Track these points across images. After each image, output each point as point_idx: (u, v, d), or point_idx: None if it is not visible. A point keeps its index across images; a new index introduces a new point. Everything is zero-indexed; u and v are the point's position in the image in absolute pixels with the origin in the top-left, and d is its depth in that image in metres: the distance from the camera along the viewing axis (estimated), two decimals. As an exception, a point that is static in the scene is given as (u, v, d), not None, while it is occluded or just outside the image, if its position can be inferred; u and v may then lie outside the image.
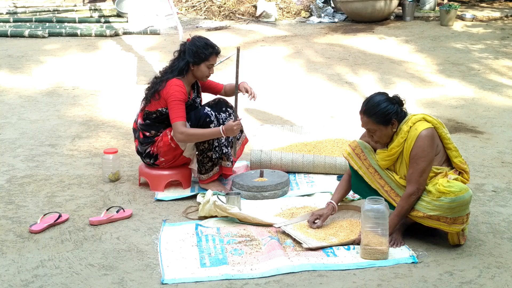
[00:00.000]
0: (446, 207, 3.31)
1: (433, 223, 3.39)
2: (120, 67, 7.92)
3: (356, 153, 3.69)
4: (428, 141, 3.42)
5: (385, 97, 3.55)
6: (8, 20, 10.21)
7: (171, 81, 4.12)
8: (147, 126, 4.24)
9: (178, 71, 4.17)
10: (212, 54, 4.21)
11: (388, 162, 3.58)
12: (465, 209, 3.33)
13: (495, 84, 7.11)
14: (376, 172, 3.62)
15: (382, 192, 3.59)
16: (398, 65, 7.95)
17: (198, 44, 4.19)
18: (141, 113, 4.27)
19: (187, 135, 4.09)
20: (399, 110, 3.52)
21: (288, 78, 7.41)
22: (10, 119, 5.94)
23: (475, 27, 10.06)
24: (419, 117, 3.51)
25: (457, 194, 3.28)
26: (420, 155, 3.41)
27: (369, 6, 10.16)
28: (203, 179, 4.33)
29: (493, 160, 4.88)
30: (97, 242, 3.59)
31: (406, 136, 3.47)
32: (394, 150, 3.52)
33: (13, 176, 4.60)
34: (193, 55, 4.16)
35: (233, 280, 3.18)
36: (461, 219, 3.34)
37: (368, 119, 3.51)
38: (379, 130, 3.52)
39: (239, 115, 4.29)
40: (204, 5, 11.33)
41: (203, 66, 4.20)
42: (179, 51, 4.25)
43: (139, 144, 4.28)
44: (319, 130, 5.34)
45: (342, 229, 3.68)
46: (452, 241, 3.48)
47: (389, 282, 3.15)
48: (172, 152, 4.22)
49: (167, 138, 4.19)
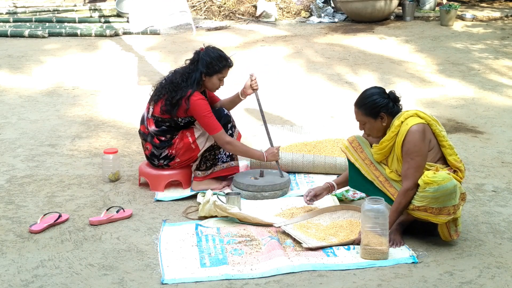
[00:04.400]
0: (430, 197, 3.33)
1: (422, 214, 3.41)
2: (120, 67, 7.92)
3: (353, 146, 3.74)
4: (418, 136, 3.44)
5: (378, 91, 3.62)
6: (8, 20, 10.21)
7: (195, 96, 4.12)
8: (162, 132, 4.23)
9: (196, 84, 4.17)
10: (226, 67, 4.22)
11: (380, 156, 3.63)
12: (450, 199, 3.34)
13: (495, 84, 7.11)
14: (372, 164, 3.67)
15: (377, 182, 3.63)
16: (398, 65, 7.95)
17: (212, 56, 4.19)
18: (151, 119, 4.24)
19: (234, 146, 4.20)
20: (391, 105, 3.56)
21: (288, 78, 7.41)
22: (10, 119, 5.94)
23: (475, 27, 10.06)
24: (412, 113, 3.54)
25: (439, 183, 3.30)
26: (412, 150, 3.43)
27: (369, 6, 10.17)
28: (198, 175, 4.35)
29: (493, 160, 4.88)
30: (97, 242, 3.59)
31: (397, 131, 3.50)
32: (384, 143, 3.56)
33: (13, 176, 4.60)
34: (206, 66, 4.16)
35: (233, 280, 3.18)
36: (447, 210, 3.35)
37: (358, 110, 3.60)
38: (368, 123, 3.58)
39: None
40: (204, 5, 11.33)
41: (215, 78, 4.21)
42: (192, 60, 4.24)
43: (154, 147, 4.25)
44: (319, 130, 5.34)
45: (342, 229, 3.68)
46: (443, 235, 3.48)
47: (389, 282, 3.15)
48: (190, 153, 4.24)
49: (188, 140, 4.20)
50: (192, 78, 4.17)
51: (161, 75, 7.24)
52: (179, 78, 4.19)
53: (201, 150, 4.26)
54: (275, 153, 4.31)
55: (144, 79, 7.31)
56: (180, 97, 4.12)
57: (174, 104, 4.13)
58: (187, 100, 4.11)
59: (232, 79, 4.42)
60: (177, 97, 4.12)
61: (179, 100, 4.12)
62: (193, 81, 4.16)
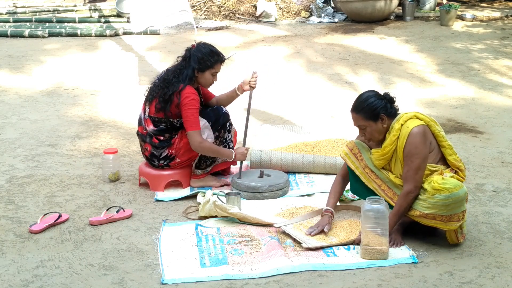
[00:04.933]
0: (440, 204, 3.31)
1: (430, 222, 3.39)
2: (120, 67, 7.92)
3: (353, 153, 3.70)
4: (420, 138, 3.43)
5: (373, 93, 3.60)
6: (8, 20, 10.21)
7: (186, 90, 4.12)
8: (161, 131, 4.23)
9: (188, 79, 4.16)
10: (217, 62, 4.21)
11: (383, 162, 3.59)
12: (460, 206, 3.33)
13: (495, 84, 7.11)
14: (373, 172, 3.62)
15: (379, 192, 3.59)
16: (398, 65, 7.95)
17: (203, 51, 4.18)
18: (148, 119, 4.24)
19: (204, 147, 4.16)
20: (388, 106, 3.55)
21: (288, 78, 7.41)
22: (10, 119, 5.94)
23: (475, 27, 10.06)
24: (411, 115, 3.52)
25: (451, 191, 3.28)
26: (413, 152, 3.41)
27: (369, 6, 10.17)
28: (198, 173, 4.35)
29: (493, 160, 4.88)
30: (97, 242, 3.59)
31: (398, 134, 3.48)
32: (387, 148, 3.53)
33: (13, 176, 4.60)
34: (198, 62, 4.16)
35: (233, 280, 3.18)
36: (456, 217, 3.34)
37: (357, 115, 3.55)
38: (369, 126, 3.54)
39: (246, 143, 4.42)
40: (204, 5, 11.33)
41: (208, 73, 4.20)
42: (184, 57, 4.24)
43: (154, 148, 4.25)
44: (319, 130, 5.34)
45: (342, 229, 3.68)
46: (450, 239, 3.48)
47: (389, 282, 3.15)
48: (190, 153, 4.24)
49: (187, 139, 4.20)
50: (183, 74, 4.16)
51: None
52: (171, 75, 4.20)
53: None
54: (244, 153, 4.32)
55: (144, 79, 7.31)
56: (172, 92, 4.12)
57: (167, 100, 4.12)
58: (178, 94, 4.10)
59: (232, 79, 4.41)
60: (169, 93, 4.12)
61: (171, 95, 4.12)
62: (184, 77, 4.15)
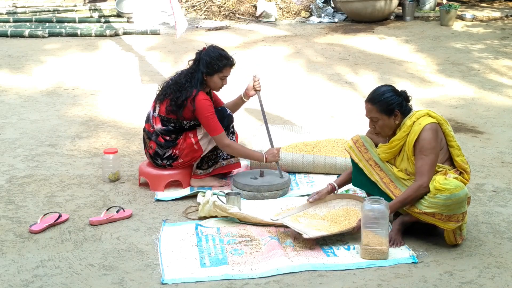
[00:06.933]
0: (441, 204, 3.32)
1: (429, 218, 3.40)
2: (120, 67, 7.92)
3: (357, 147, 3.73)
4: (432, 134, 3.45)
5: (391, 88, 3.62)
6: (8, 20, 10.21)
7: (199, 97, 4.13)
8: (168, 132, 4.23)
9: (200, 84, 4.17)
10: (226, 65, 4.21)
11: (389, 155, 3.61)
12: (460, 207, 3.34)
13: (495, 84, 7.11)
14: (377, 165, 3.65)
15: (381, 184, 3.61)
16: (398, 65, 7.95)
17: (212, 55, 4.18)
18: (158, 118, 4.24)
19: (233, 149, 4.22)
20: (404, 104, 3.57)
21: (288, 78, 7.41)
22: (10, 119, 5.94)
23: (475, 27, 10.06)
24: (423, 113, 3.55)
25: (452, 191, 3.29)
26: (427, 147, 3.42)
27: (369, 6, 10.17)
28: (200, 174, 4.36)
29: (493, 160, 4.88)
30: (97, 242, 3.59)
31: (408, 131, 3.50)
32: (395, 143, 3.55)
33: (13, 176, 4.60)
34: (206, 65, 4.16)
35: (233, 280, 3.18)
36: (456, 217, 3.35)
37: (372, 106, 3.55)
38: (381, 120, 3.55)
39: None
40: (204, 5, 11.33)
41: (216, 77, 4.20)
42: (194, 60, 4.25)
43: (159, 146, 4.25)
44: (319, 130, 5.34)
45: (339, 218, 3.70)
46: (448, 239, 3.48)
47: (389, 282, 3.15)
48: (193, 154, 4.25)
49: (190, 140, 4.21)
50: (195, 79, 4.18)
51: (161, 75, 7.28)
52: (183, 78, 4.21)
53: (204, 151, 4.27)
54: (275, 154, 4.31)
55: (145, 78, 7.31)
56: (185, 98, 4.12)
57: (180, 105, 4.14)
58: (192, 101, 4.12)
59: (232, 79, 4.41)
60: (182, 98, 4.13)
61: (184, 100, 4.12)
62: (196, 81, 4.17)
